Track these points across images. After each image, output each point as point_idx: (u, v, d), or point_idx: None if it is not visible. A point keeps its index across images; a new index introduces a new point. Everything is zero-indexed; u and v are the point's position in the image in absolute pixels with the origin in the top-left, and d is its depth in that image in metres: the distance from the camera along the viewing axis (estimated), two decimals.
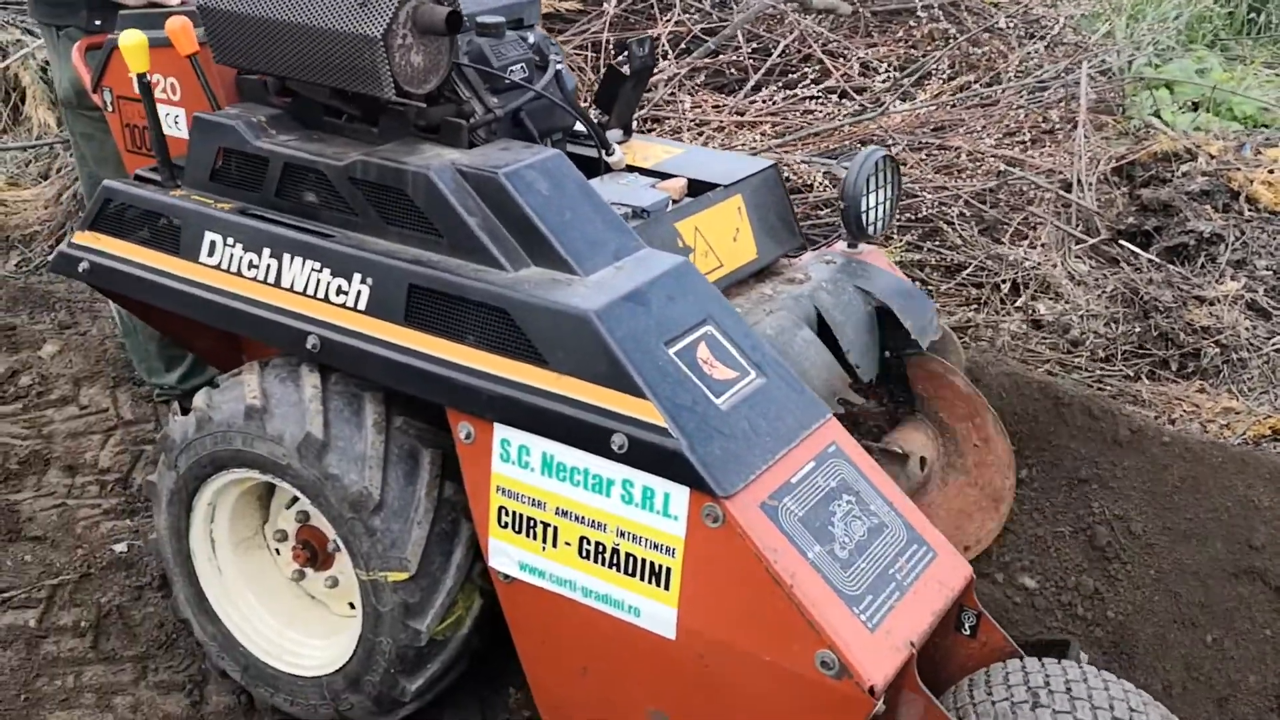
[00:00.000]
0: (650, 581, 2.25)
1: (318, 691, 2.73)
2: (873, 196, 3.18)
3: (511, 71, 2.82)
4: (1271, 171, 4.99)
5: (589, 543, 2.31)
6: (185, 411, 2.75)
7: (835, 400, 2.86)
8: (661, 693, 2.35)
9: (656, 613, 2.26)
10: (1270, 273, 4.37)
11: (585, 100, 4.47)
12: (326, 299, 2.57)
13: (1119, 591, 2.82)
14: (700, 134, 5.58)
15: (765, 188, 3.23)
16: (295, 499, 2.77)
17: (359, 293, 2.53)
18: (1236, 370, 3.95)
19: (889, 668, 2.11)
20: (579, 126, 3.10)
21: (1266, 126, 6.65)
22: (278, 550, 2.91)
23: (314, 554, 2.82)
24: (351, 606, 2.66)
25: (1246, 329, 4.05)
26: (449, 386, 2.39)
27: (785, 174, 5.07)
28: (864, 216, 3.16)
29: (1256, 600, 2.76)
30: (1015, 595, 2.84)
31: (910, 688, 2.19)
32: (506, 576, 2.46)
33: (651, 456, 2.16)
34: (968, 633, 2.47)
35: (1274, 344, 4.05)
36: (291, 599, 2.90)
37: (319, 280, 2.59)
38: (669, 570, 2.22)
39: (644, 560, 2.25)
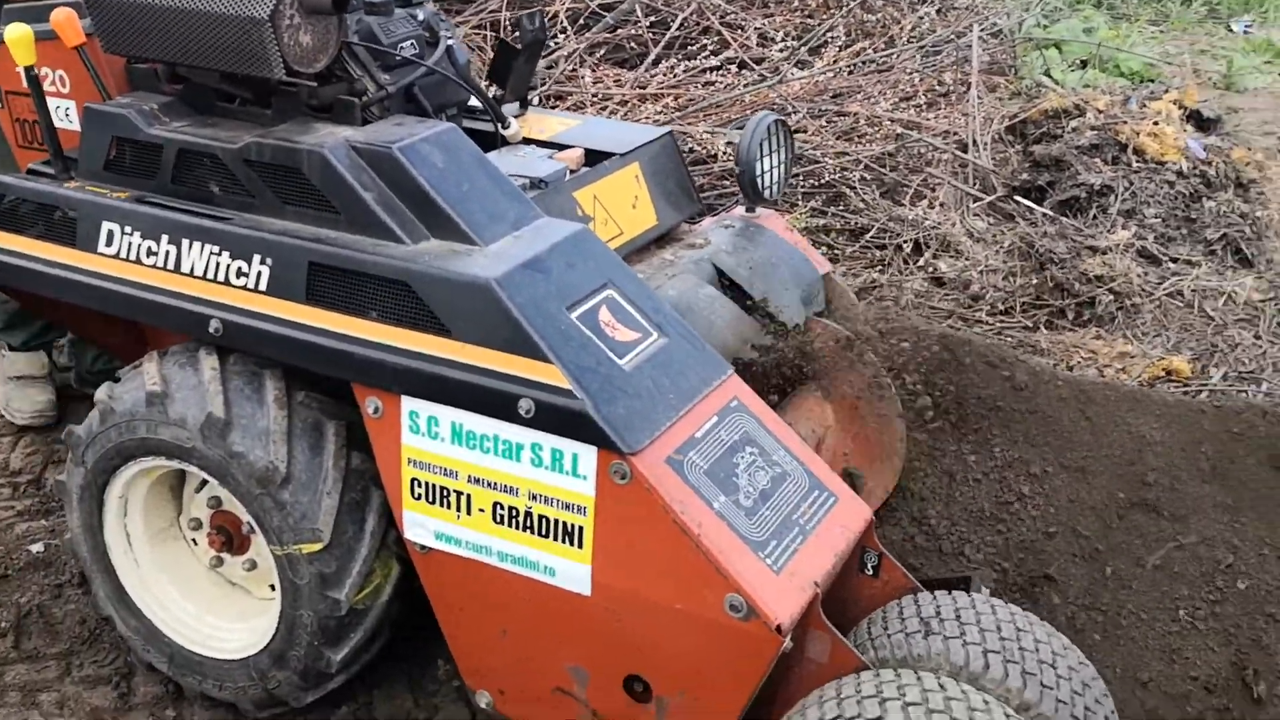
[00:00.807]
0: (564, 541, 2.30)
1: (245, 673, 2.75)
2: (766, 160, 3.26)
3: (402, 48, 2.84)
4: (1156, 124, 5.17)
5: (502, 508, 2.35)
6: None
7: (748, 347, 2.91)
8: (580, 649, 2.40)
9: (571, 571, 2.31)
10: (1159, 220, 4.54)
11: (481, 77, 4.49)
12: (227, 282, 2.58)
13: (1020, 530, 2.93)
14: (603, 108, 5.62)
15: (662, 155, 3.29)
16: (204, 483, 2.77)
17: (259, 274, 2.53)
18: (1130, 316, 4.09)
19: (794, 607, 2.19)
20: (475, 101, 3.12)
21: (1151, 81, 6.88)
22: (194, 539, 2.91)
23: (229, 538, 2.82)
24: (272, 589, 2.67)
25: (1138, 275, 4.20)
26: (354, 362, 2.41)
27: (689, 145, 5.14)
28: (759, 181, 3.24)
29: (1150, 531, 2.88)
30: (920, 536, 2.93)
31: (816, 626, 2.27)
32: (423, 547, 2.49)
33: (558, 419, 2.21)
34: (871, 573, 2.55)
35: (1165, 289, 4.21)
36: (211, 586, 2.90)
37: (219, 264, 2.59)
38: (581, 529, 2.27)
39: (556, 521, 2.30)
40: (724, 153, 4.96)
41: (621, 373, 2.29)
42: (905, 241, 4.65)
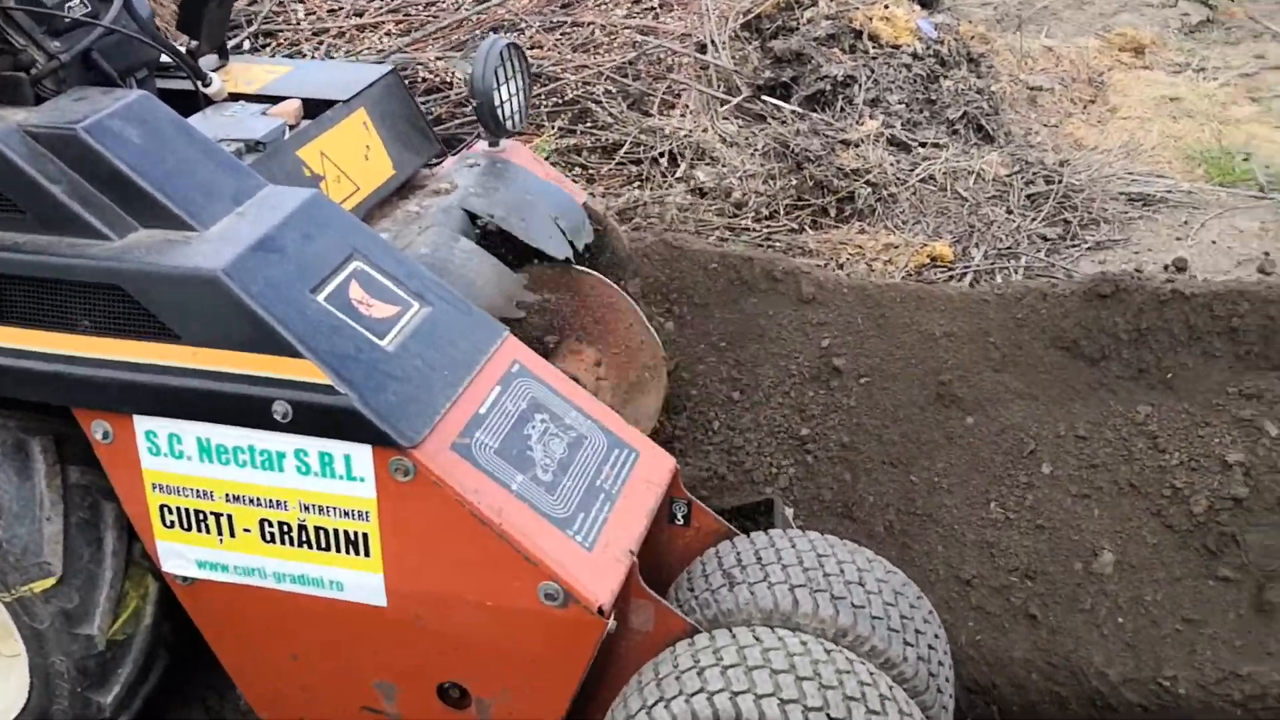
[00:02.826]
0: (348, 551, 2.07)
1: None
2: (504, 89, 3.01)
3: (70, 8, 2.43)
4: (886, 8, 5.17)
5: (271, 524, 2.09)
6: None
7: (513, 306, 2.72)
8: (383, 662, 2.18)
9: (361, 582, 2.08)
10: (902, 106, 4.55)
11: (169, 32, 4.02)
12: None
13: (826, 443, 2.87)
14: (321, 43, 5.19)
15: (389, 96, 2.99)
16: None
17: None
18: (889, 206, 4.09)
19: (613, 583, 2.03)
20: (166, 59, 2.73)
21: None
22: None
23: None
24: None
25: (892, 165, 4.20)
26: (68, 385, 2.08)
27: (420, 74, 4.81)
28: (499, 112, 2.99)
29: (953, 425, 2.86)
30: (730, 471, 2.83)
31: (637, 595, 2.13)
32: (185, 579, 2.20)
33: (321, 419, 1.96)
34: (682, 522, 2.44)
35: (918, 174, 4.22)
36: None
37: None
38: (366, 536, 2.04)
39: (336, 531, 2.05)
40: (459, 79, 4.66)
41: (386, 356, 2.04)
42: (660, 154, 4.50)
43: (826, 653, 1.99)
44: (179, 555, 2.18)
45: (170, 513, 2.14)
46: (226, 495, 2.09)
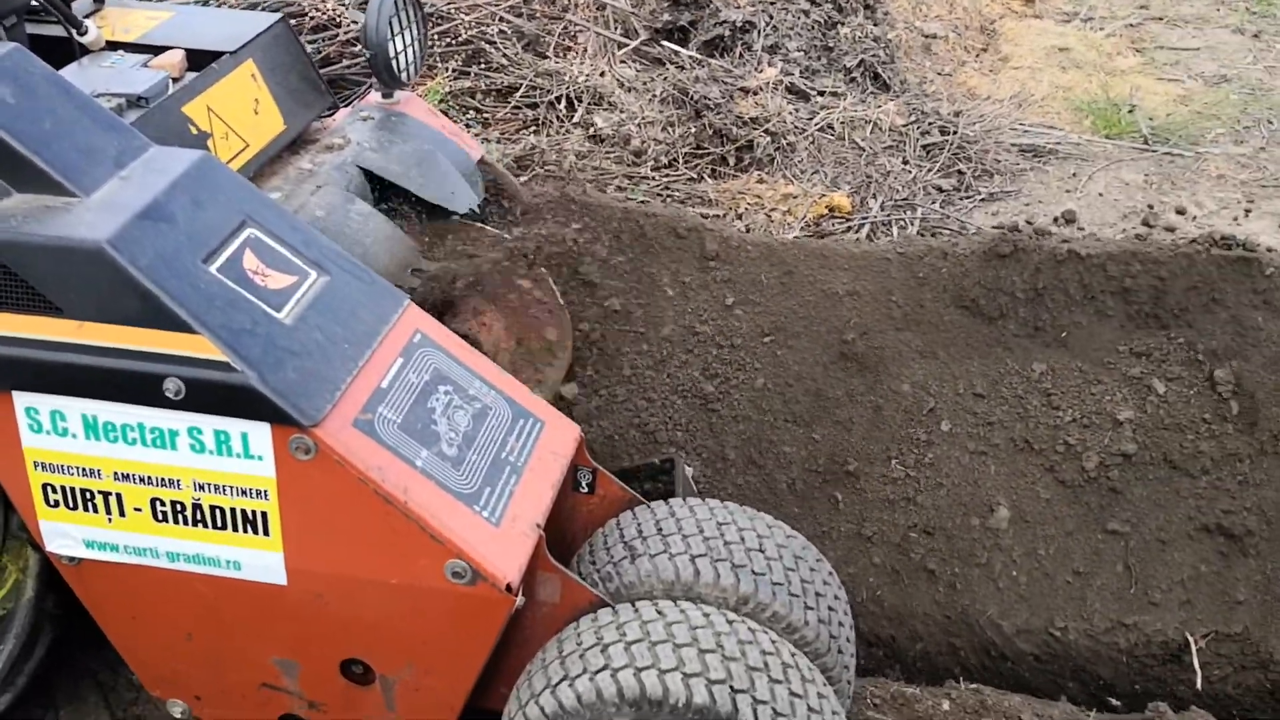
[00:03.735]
0: (245, 530, 2.00)
1: None
2: (399, 40, 2.91)
3: None
4: None
5: (163, 503, 2.01)
6: None
7: (409, 273, 2.65)
8: (284, 640, 2.13)
9: (260, 561, 2.02)
10: (801, 54, 4.53)
11: None
12: None
13: (730, 402, 2.87)
14: None
15: (278, 46, 2.86)
16: None
17: None
18: (787, 155, 4.09)
19: (521, 558, 2.01)
20: (36, 1, 2.57)
21: None
22: None
23: None
24: None
25: (790, 113, 4.18)
26: None
27: (305, 13, 4.61)
28: (394, 63, 2.89)
29: (855, 382, 2.88)
30: (636, 434, 2.82)
31: (545, 568, 2.11)
32: (71, 559, 2.11)
33: (216, 396, 1.88)
34: (586, 490, 2.42)
35: (816, 123, 4.22)
36: None
37: None
38: (264, 514, 1.98)
39: (233, 510, 1.98)
40: (348, 19, 4.49)
41: (283, 329, 1.96)
42: (557, 99, 4.42)
43: (729, 624, 2.00)
44: (64, 535, 2.08)
45: (54, 491, 2.04)
46: (115, 474, 2.00)
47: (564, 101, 4.43)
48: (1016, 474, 2.75)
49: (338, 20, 4.57)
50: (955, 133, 4.33)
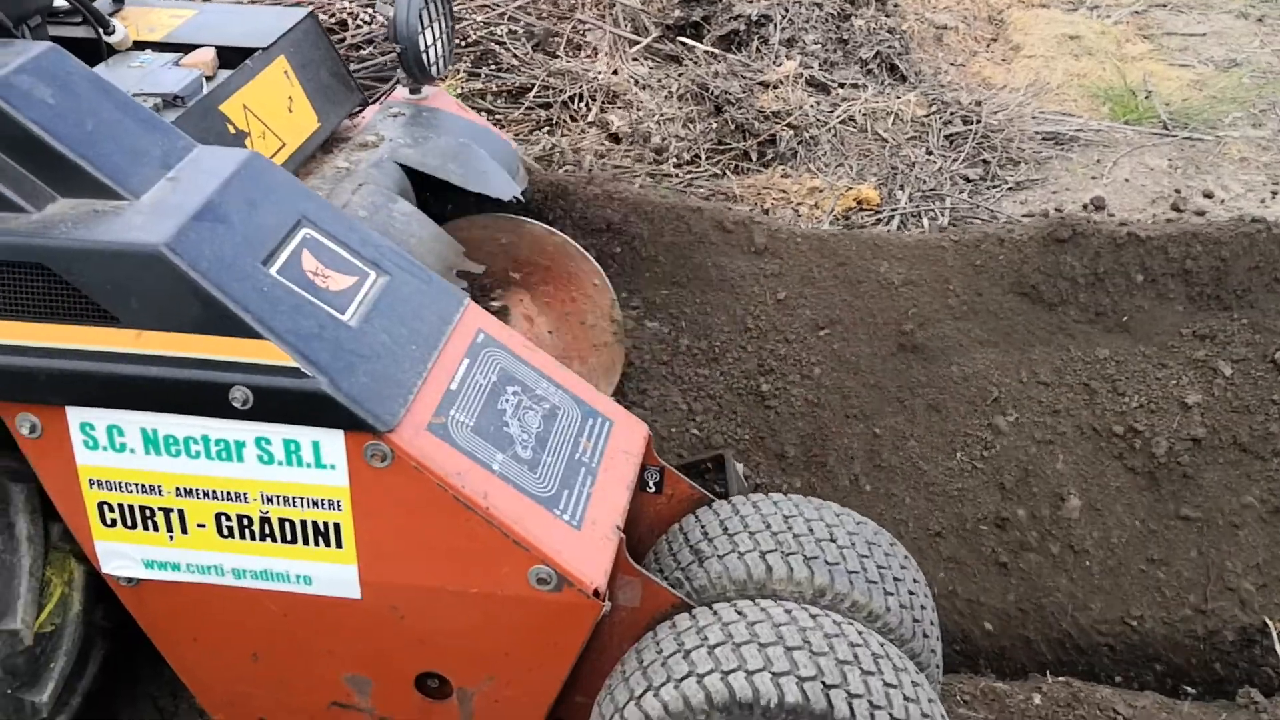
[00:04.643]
0: (317, 543, 1.91)
1: None
2: (429, 33, 2.84)
3: None
4: None
5: (229, 519, 1.92)
6: None
7: (454, 274, 2.57)
8: (357, 656, 2.04)
9: (332, 575, 1.93)
10: (819, 46, 4.46)
11: None
12: None
13: (787, 398, 2.79)
14: None
15: (308, 42, 2.78)
16: None
17: None
18: (810, 149, 4.02)
19: (605, 562, 1.93)
20: (61, 1, 2.48)
21: None
22: None
23: None
24: None
25: (812, 107, 4.12)
26: None
27: (323, 15, 4.53)
28: (424, 57, 2.82)
29: (915, 374, 2.81)
30: (690, 429, 2.74)
31: (626, 571, 2.03)
32: (129, 580, 2.02)
33: (286, 404, 1.79)
34: (654, 489, 2.34)
35: (838, 116, 4.15)
36: None
37: None
38: (337, 526, 1.89)
39: (304, 522, 1.90)
40: (359, 19, 4.40)
41: (350, 332, 1.88)
42: (571, 98, 4.34)
43: (812, 618, 1.93)
44: (122, 555, 1.99)
45: (111, 510, 1.95)
46: (177, 489, 1.91)
47: (578, 101, 4.35)
48: (1085, 462, 2.69)
49: (345, 22, 4.49)
50: (978, 122, 4.28)
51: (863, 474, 2.71)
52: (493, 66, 4.52)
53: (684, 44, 4.59)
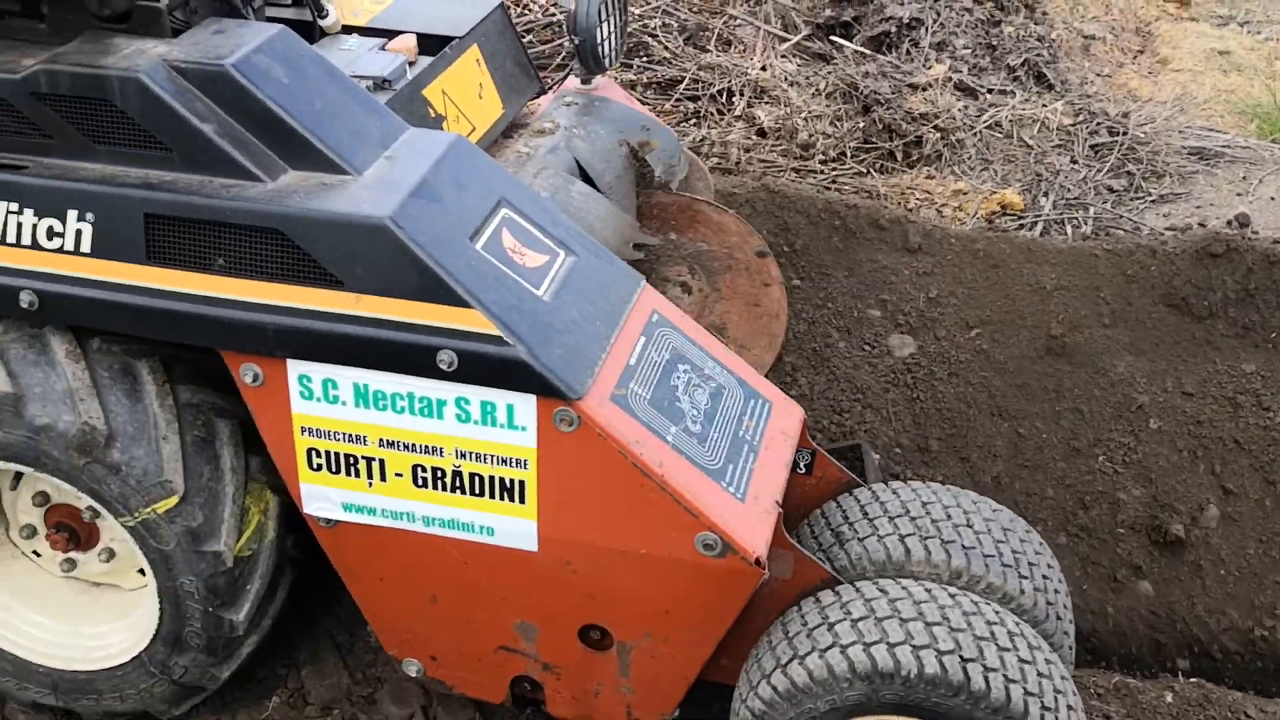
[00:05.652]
0: (502, 498, 2.08)
1: (142, 672, 2.41)
2: (605, 26, 2.98)
3: None
4: None
5: (424, 470, 2.09)
6: None
7: (630, 249, 2.71)
8: (528, 605, 2.21)
9: (513, 528, 2.10)
10: (969, 51, 4.52)
11: None
12: (35, 245, 2.13)
13: (935, 395, 2.89)
14: None
15: (497, 32, 2.95)
16: (19, 478, 2.40)
17: (78, 232, 2.11)
18: (956, 152, 4.09)
19: (766, 533, 2.06)
20: None
21: None
22: (34, 551, 2.50)
23: (73, 534, 2.44)
24: (142, 573, 2.33)
25: (959, 110, 4.19)
26: (222, 328, 2.06)
27: None
28: (600, 49, 2.97)
29: (1063, 381, 2.88)
30: (835, 418, 2.85)
31: (781, 544, 2.16)
32: (329, 521, 2.21)
33: (487, 369, 1.96)
34: (804, 471, 2.46)
35: (984, 120, 4.21)
36: (74, 595, 2.50)
37: (20, 224, 2.13)
38: (523, 483, 2.05)
39: (492, 478, 2.07)
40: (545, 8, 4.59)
41: (545, 306, 2.04)
42: (719, 92, 4.46)
43: (951, 597, 2.03)
44: (324, 498, 2.18)
45: (318, 456, 2.14)
46: (380, 440, 2.09)
47: (726, 95, 4.47)
48: (1226, 473, 2.74)
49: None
50: (1125, 134, 4.30)
51: (1004, 471, 2.80)
52: (644, 59, 4.66)
53: (834, 43, 4.68)
